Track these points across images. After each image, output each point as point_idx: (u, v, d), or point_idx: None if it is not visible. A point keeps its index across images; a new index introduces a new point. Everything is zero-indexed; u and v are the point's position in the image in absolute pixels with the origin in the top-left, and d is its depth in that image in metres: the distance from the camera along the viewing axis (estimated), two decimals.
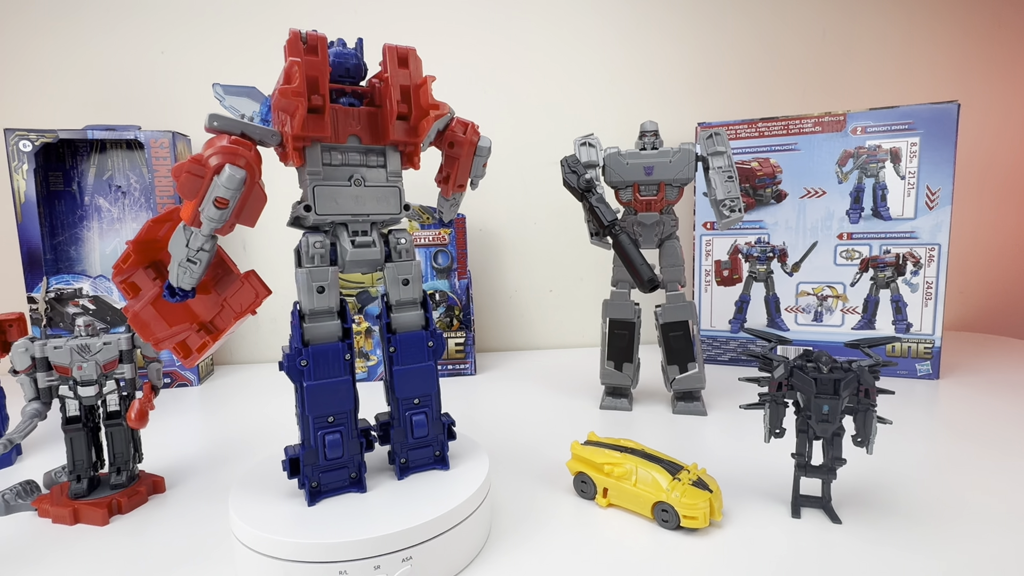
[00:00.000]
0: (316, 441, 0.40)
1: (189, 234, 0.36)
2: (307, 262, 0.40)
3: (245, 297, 0.42)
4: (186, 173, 0.35)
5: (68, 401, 0.48)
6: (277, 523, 0.37)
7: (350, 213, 0.41)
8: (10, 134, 0.79)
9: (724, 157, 0.66)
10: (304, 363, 0.39)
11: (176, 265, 0.37)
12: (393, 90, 0.40)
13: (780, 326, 0.89)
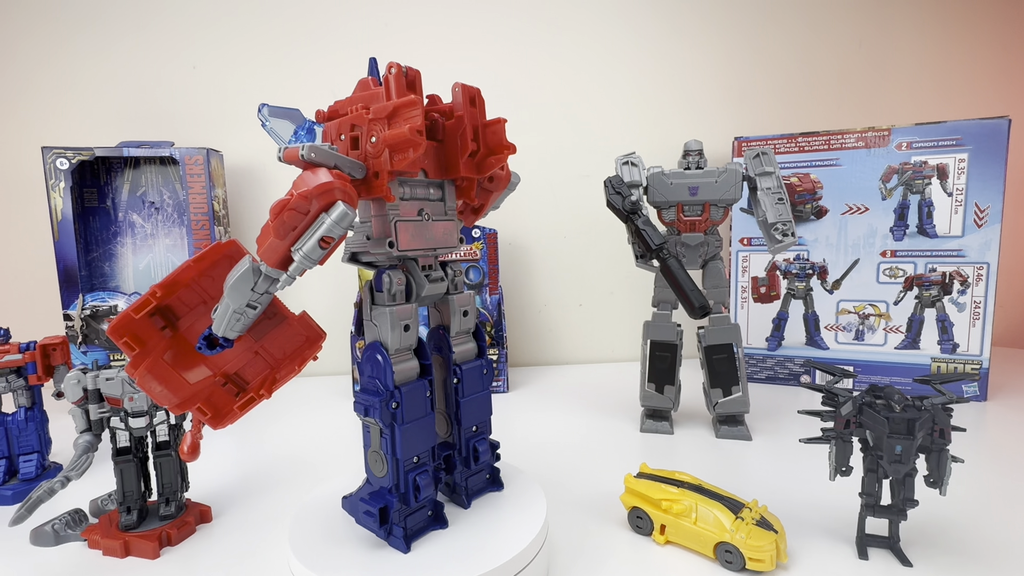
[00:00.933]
0: (407, 483, 0.39)
1: (258, 276, 0.34)
2: (388, 299, 0.39)
3: (295, 341, 0.40)
4: (290, 211, 0.32)
5: (119, 432, 0.48)
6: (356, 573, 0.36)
7: (423, 248, 0.41)
8: (47, 152, 0.79)
9: (773, 178, 0.64)
10: (395, 405, 0.38)
11: (229, 312, 0.34)
12: (468, 129, 0.39)
13: (819, 344, 0.87)
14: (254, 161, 0.98)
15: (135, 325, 0.36)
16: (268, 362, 0.39)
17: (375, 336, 0.39)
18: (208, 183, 0.85)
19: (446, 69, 0.99)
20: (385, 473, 0.39)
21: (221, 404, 0.38)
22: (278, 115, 0.41)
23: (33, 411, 0.60)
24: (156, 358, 0.36)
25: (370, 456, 0.40)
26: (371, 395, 0.38)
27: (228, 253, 0.37)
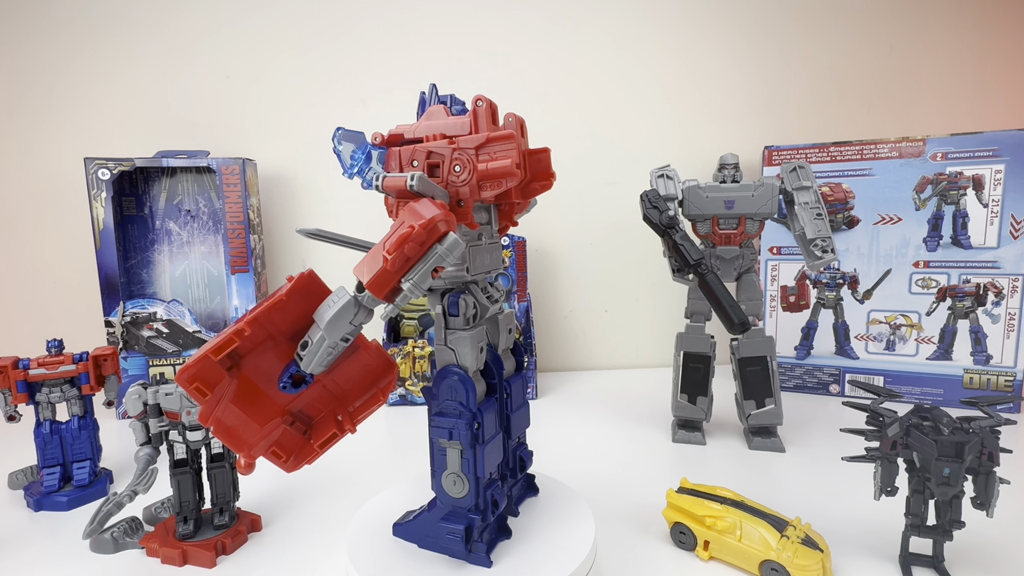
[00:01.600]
0: (486, 500, 0.40)
1: (358, 308, 0.34)
2: (464, 323, 0.39)
3: (367, 371, 0.38)
4: (412, 243, 0.32)
5: (176, 445, 0.49)
6: None
7: (485, 270, 0.42)
8: (90, 163, 0.81)
9: (811, 192, 0.64)
10: (477, 426, 0.39)
11: (323, 346, 0.34)
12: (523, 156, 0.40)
13: (849, 354, 0.87)
14: (285, 169, 0.99)
15: (208, 369, 0.34)
16: (334, 394, 0.39)
17: (450, 360, 0.40)
18: (244, 192, 0.86)
19: (473, 75, 0.99)
20: (465, 493, 0.39)
21: (294, 445, 0.36)
22: (348, 139, 0.42)
23: (86, 419, 0.62)
24: (227, 403, 0.34)
25: (446, 479, 0.40)
26: (453, 418, 0.38)
27: (305, 285, 0.36)
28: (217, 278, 0.93)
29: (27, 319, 0.97)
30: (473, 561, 0.39)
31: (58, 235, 0.95)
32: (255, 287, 0.89)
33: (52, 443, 0.60)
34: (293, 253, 1.01)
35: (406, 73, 0.98)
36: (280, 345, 0.36)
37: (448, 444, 0.39)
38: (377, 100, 0.99)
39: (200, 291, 0.93)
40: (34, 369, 0.59)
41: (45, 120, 0.94)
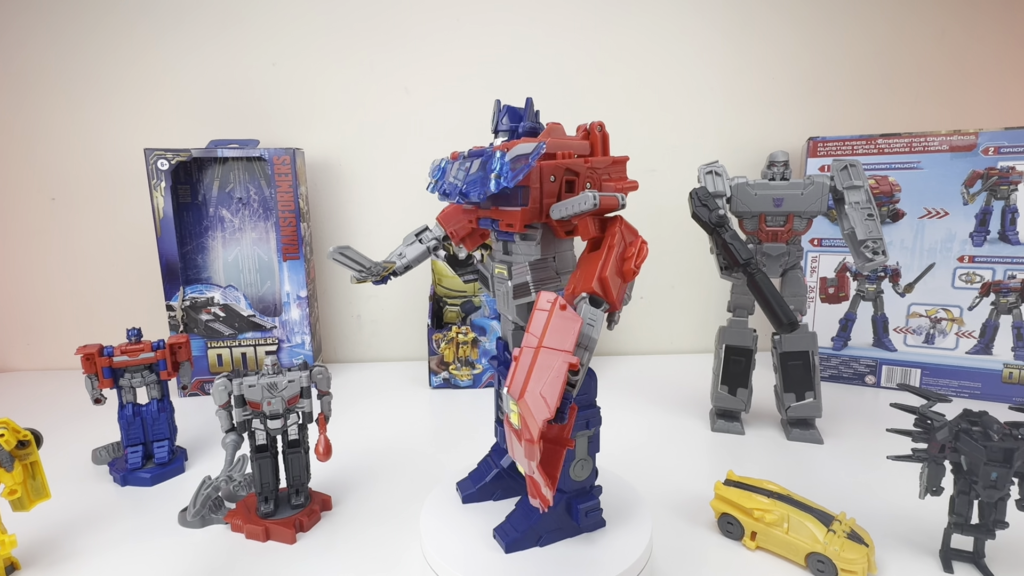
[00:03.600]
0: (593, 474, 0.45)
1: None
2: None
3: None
4: (643, 257, 0.37)
5: (257, 432, 0.53)
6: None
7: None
8: (150, 154, 0.84)
9: (862, 191, 0.65)
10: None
11: (585, 369, 0.34)
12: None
13: (887, 346, 0.88)
14: (330, 157, 1.01)
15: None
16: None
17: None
18: (294, 182, 0.89)
19: (514, 61, 1.00)
20: (589, 472, 0.45)
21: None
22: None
23: (163, 402, 0.66)
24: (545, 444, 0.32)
25: (574, 468, 0.44)
26: (589, 408, 0.44)
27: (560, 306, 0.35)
28: (267, 263, 0.97)
29: (94, 304, 1.02)
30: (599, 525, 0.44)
31: (121, 224, 0.99)
32: (305, 273, 0.92)
33: (135, 424, 0.65)
34: (337, 238, 1.04)
35: (448, 60, 0.99)
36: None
37: (582, 434, 0.44)
38: (420, 88, 0.99)
39: (251, 276, 0.97)
40: (118, 356, 0.63)
41: (105, 112, 0.97)
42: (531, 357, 0.32)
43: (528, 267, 0.43)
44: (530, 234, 0.42)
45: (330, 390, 0.56)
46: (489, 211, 0.44)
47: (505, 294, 0.45)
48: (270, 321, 0.93)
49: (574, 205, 0.38)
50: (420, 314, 1.05)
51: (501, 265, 0.45)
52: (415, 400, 0.88)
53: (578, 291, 0.36)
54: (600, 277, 0.36)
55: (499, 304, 0.47)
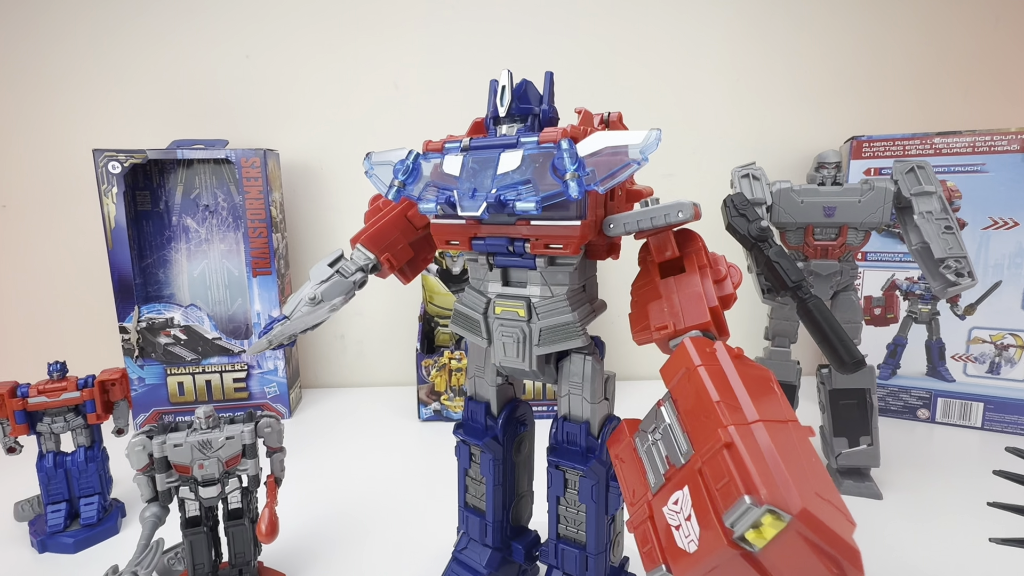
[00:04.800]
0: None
1: None
2: None
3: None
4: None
5: (188, 502, 0.42)
6: None
7: None
8: (99, 155, 0.74)
9: (935, 199, 0.53)
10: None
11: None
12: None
13: (943, 376, 0.76)
14: (309, 159, 0.91)
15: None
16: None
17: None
18: (265, 187, 0.78)
19: (518, 55, 0.89)
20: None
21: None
22: (382, 162, 0.34)
23: (93, 450, 0.56)
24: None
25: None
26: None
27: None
28: (238, 279, 0.86)
29: (36, 326, 0.91)
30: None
31: (67, 234, 0.89)
32: (278, 290, 0.81)
33: (56, 477, 0.54)
34: (318, 250, 0.93)
35: (443, 52, 0.88)
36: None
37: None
38: (410, 82, 0.89)
39: (220, 292, 0.86)
40: (34, 397, 0.52)
41: (52, 109, 0.86)
42: (747, 440, 0.22)
43: (567, 300, 0.33)
44: (571, 257, 0.33)
45: (282, 444, 0.45)
46: (507, 228, 0.33)
47: (520, 340, 0.34)
48: (238, 344, 0.82)
49: (659, 215, 0.31)
50: (411, 333, 0.94)
51: (512, 302, 0.34)
52: (402, 435, 0.77)
53: (686, 326, 0.30)
54: (712, 307, 0.30)
55: (497, 355, 0.36)
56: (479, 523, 0.40)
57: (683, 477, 0.23)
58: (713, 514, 0.21)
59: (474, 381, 0.41)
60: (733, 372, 0.24)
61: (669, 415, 0.26)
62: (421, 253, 0.41)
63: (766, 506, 0.20)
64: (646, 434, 0.27)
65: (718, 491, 0.21)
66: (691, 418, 0.24)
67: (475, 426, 0.40)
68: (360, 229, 0.41)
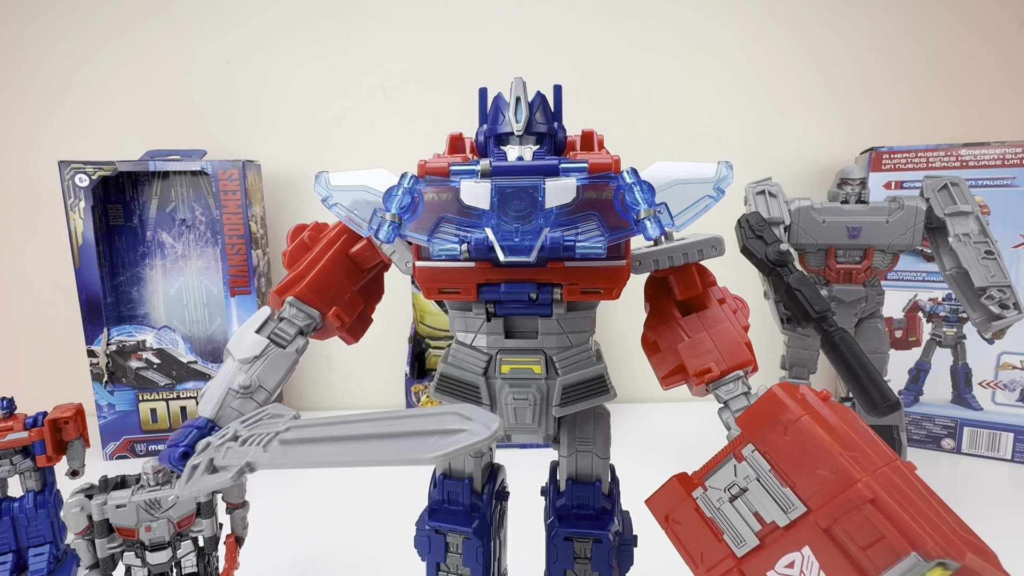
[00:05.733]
0: None
1: None
2: None
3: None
4: None
5: (135, 570, 0.37)
6: None
7: None
8: (65, 167, 0.69)
9: (972, 219, 0.49)
10: None
11: None
12: None
13: (970, 404, 0.71)
14: (293, 171, 0.86)
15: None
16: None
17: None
18: (244, 201, 0.73)
19: (517, 58, 0.84)
20: None
21: None
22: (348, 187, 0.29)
23: (44, 495, 0.50)
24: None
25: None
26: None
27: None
28: (217, 297, 0.81)
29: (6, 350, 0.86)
30: None
31: (32, 251, 0.83)
32: None
33: (2, 526, 0.49)
34: None
35: (432, 55, 0.84)
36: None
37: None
38: (401, 88, 0.84)
39: (198, 312, 0.81)
40: None
41: (16, 117, 0.81)
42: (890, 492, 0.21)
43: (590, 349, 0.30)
44: (592, 302, 0.30)
45: (245, 499, 0.40)
46: (533, 272, 0.27)
47: (537, 403, 0.29)
48: (215, 368, 0.77)
49: (692, 251, 0.30)
50: (401, 354, 0.89)
51: (524, 357, 0.29)
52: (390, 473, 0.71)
53: (729, 367, 0.28)
54: (746, 342, 0.29)
55: (508, 421, 0.30)
56: None
57: (797, 536, 0.22)
58: (857, 574, 0.20)
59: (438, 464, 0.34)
60: (836, 419, 0.23)
61: (757, 469, 0.23)
62: (370, 302, 0.35)
63: (937, 560, 0.19)
64: (717, 491, 0.24)
65: (866, 550, 0.20)
66: (798, 470, 0.22)
67: (456, 510, 0.33)
68: (286, 277, 0.33)
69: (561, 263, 0.27)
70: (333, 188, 0.29)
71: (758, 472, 0.23)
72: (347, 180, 0.29)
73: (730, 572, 0.23)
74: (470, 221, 0.26)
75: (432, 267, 0.28)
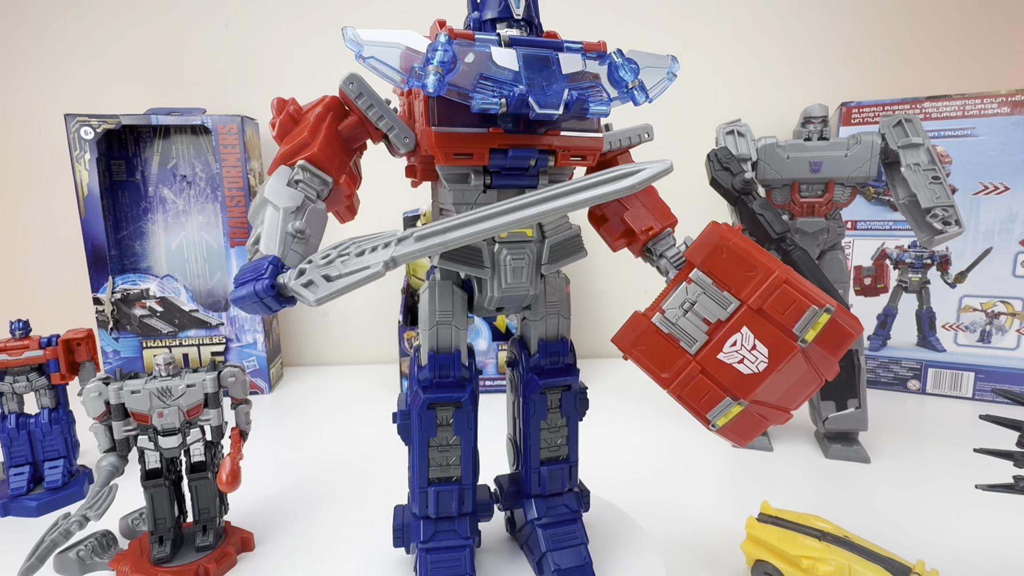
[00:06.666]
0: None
1: None
2: None
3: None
4: None
5: (148, 453, 0.41)
6: None
7: None
8: (71, 120, 0.72)
9: (922, 151, 0.52)
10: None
11: None
12: None
13: (934, 346, 0.75)
14: None
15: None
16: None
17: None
18: (243, 155, 0.76)
19: None
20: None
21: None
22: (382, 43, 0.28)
23: (58, 412, 0.54)
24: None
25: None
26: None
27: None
28: (217, 251, 0.84)
29: (4, 297, 0.89)
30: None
31: (39, 202, 0.87)
32: None
33: (19, 439, 0.52)
34: None
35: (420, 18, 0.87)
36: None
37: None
38: None
39: (199, 266, 0.84)
40: None
41: (22, 71, 0.84)
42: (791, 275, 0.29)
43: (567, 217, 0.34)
44: (567, 170, 0.34)
45: (247, 396, 0.44)
46: (536, 138, 0.31)
47: (529, 263, 0.33)
48: (216, 317, 0.80)
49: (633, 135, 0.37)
50: (394, 311, 0.93)
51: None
52: (382, 408, 0.75)
53: (664, 225, 0.34)
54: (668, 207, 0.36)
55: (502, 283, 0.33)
56: (454, 493, 0.35)
57: (736, 323, 0.29)
58: (780, 332, 0.28)
59: (435, 332, 0.35)
60: (750, 242, 0.30)
61: (702, 283, 0.30)
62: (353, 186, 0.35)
63: (825, 307, 0.28)
64: (676, 310, 0.30)
65: (784, 315, 0.28)
66: (732, 278, 0.29)
67: (448, 382, 0.35)
68: (288, 145, 0.32)
69: (558, 131, 0.31)
70: (364, 42, 0.28)
71: (703, 286, 0.30)
72: (377, 37, 0.28)
73: (688, 365, 0.30)
74: (504, 79, 0.28)
75: (450, 132, 0.30)
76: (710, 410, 0.29)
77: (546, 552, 0.34)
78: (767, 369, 0.28)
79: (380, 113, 0.31)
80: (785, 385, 0.29)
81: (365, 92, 0.31)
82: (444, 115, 0.29)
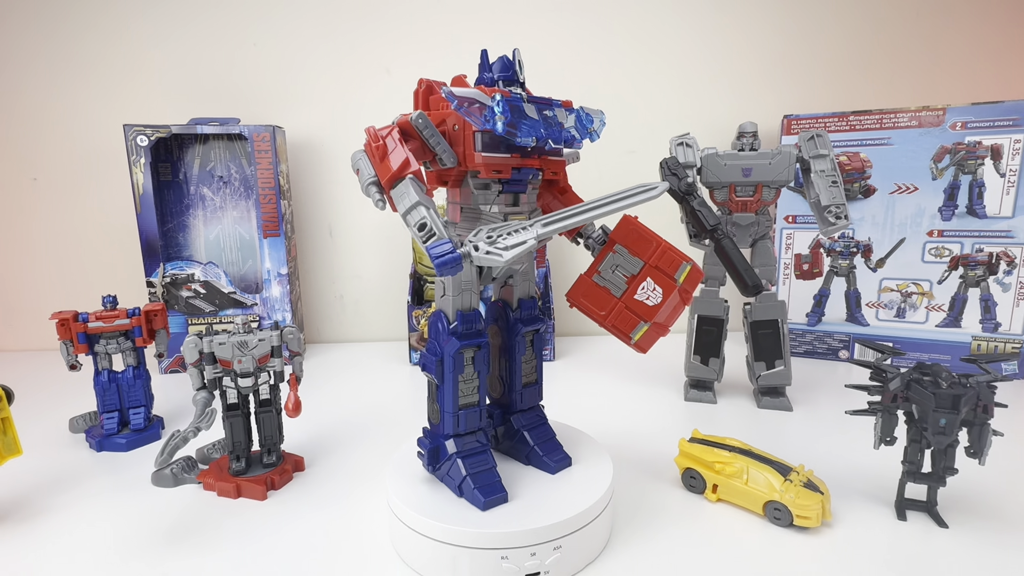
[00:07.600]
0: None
1: None
2: None
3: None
4: None
5: (229, 391, 0.54)
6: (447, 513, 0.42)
7: None
8: (129, 130, 0.85)
9: (827, 160, 0.66)
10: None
11: None
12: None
13: (859, 321, 0.89)
14: (312, 136, 1.02)
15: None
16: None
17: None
18: (274, 159, 0.89)
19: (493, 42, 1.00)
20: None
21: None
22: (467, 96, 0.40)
23: (139, 370, 0.67)
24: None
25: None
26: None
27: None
28: (248, 242, 0.97)
29: (69, 286, 1.02)
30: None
31: (101, 202, 1.00)
32: (286, 251, 0.93)
33: (110, 390, 0.66)
34: (320, 218, 1.05)
35: (430, 39, 1.00)
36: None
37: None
38: (401, 68, 1.00)
39: (233, 254, 0.97)
40: (93, 322, 0.63)
41: (85, 89, 0.97)
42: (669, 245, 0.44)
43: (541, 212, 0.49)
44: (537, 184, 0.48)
45: (301, 351, 0.57)
46: (535, 160, 0.45)
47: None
48: (251, 298, 0.93)
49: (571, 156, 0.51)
50: (403, 292, 1.06)
51: (519, 213, 0.46)
52: (394, 375, 0.89)
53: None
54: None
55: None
56: (476, 414, 0.46)
57: (642, 275, 0.44)
58: (667, 278, 0.43)
59: (460, 298, 0.46)
60: (645, 226, 0.45)
61: (621, 252, 0.45)
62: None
63: (690, 263, 0.43)
64: (607, 270, 0.45)
65: (668, 268, 0.43)
66: (637, 247, 0.44)
67: (472, 331, 0.46)
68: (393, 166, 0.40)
69: (545, 158, 0.46)
70: (456, 96, 0.40)
71: (622, 254, 0.44)
72: (464, 94, 0.41)
73: (616, 304, 0.44)
74: (533, 123, 0.42)
75: (491, 156, 0.43)
76: (631, 331, 0.44)
77: (533, 446, 0.48)
78: (661, 301, 0.43)
79: (438, 140, 0.43)
80: (668, 310, 0.44)
81: (429, 126, 0.43)
82: (486, 144, 0.42)
